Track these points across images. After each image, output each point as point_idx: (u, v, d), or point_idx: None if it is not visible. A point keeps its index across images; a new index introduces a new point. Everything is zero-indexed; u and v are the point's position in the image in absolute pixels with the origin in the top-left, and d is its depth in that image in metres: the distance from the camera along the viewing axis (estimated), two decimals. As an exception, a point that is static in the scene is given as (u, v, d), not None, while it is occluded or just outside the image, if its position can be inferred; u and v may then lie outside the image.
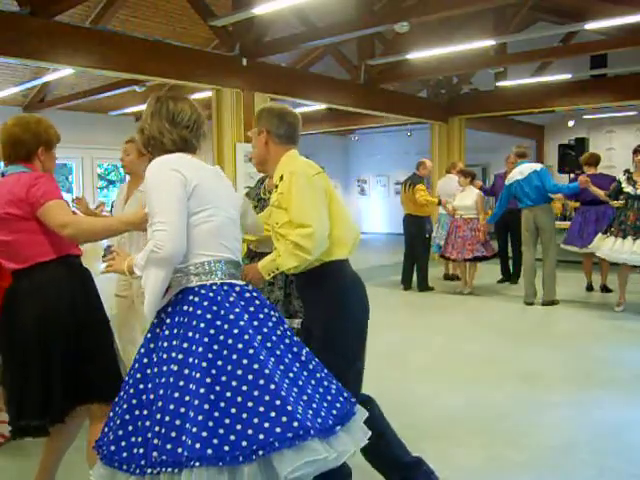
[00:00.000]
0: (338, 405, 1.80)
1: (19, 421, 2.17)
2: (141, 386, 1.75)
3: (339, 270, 2.27)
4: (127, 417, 1.73)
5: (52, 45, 5.78)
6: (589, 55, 9.38)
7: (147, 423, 1.68)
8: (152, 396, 1.70)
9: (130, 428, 1.71)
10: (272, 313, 1.88)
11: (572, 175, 9.45)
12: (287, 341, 1.85)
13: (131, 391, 1.76)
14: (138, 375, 1.77)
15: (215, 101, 7.33)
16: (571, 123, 12.90)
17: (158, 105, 1.97)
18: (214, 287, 1.80)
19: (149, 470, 1.60)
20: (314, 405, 1.71)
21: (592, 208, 6.96)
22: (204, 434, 1.54)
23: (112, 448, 1.70)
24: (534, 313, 6.37)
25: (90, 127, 11.81)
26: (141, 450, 1.65)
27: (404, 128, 14.49)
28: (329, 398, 1.80)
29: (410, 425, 2.68)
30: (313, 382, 1.81)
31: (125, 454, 1.67)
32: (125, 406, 1.75)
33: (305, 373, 1.81)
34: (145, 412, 1.70)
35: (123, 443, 1.69)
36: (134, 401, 1.74)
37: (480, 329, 5.66)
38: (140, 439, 1.67)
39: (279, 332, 1.85)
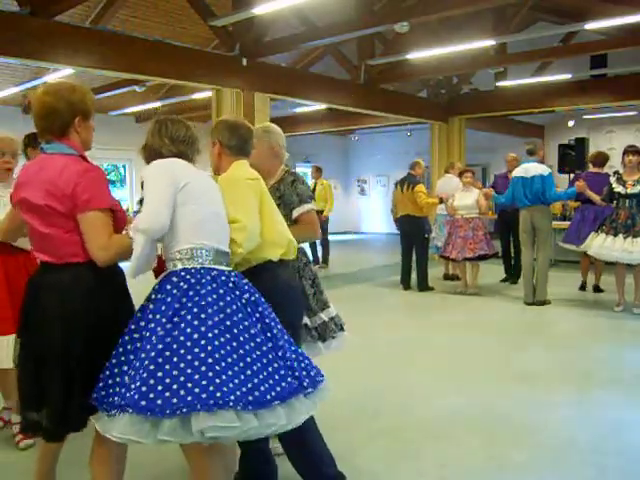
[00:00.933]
0: (284, 384, 2.03)
1: (23, 413, 2.15)
2: (128, 345, 2.06)
3: (271, 270, 2.44)
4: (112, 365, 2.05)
5: (52, 45, 5.78)
6: (589, 55, 9.38)
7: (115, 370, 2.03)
8: (129, 347, 2.04)
9: (107, 373, 2.04)
10: (246, 297, 2.14)
11: (572, 175, 9.45)
12: (259, 325, 2.11)
13: (120, 349, 2.06)
14: (127, 337, 2.07)
15: (215, 101, 7.33)
16: (571, 123, 12.90)
17: (158, 125, 2.28)
18: (192, 270, 2.09)
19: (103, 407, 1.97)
20: (255, 380, 1.97)
21: (591, 207, 6.97)
22: (143, 389, 1.85)
23: (102, 393, 2.01)
24: (534, 313, 6.36)
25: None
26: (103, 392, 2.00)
27: (404, 128, 14.50)
28: (277, 376, 2.04)
29: (410, 425, 2.69)
30: (269, 358, 2.07)
31: (103, 392, 2.00)
32: (113, 361, 2.05)
33: (269, 352, 2.08)
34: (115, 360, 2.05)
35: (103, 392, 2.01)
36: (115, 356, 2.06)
37: (480, 329, 5.66)
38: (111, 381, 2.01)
39: (250, 314, 2.11)
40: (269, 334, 2.11)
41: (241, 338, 2.02)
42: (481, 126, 12.14)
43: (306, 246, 11.11)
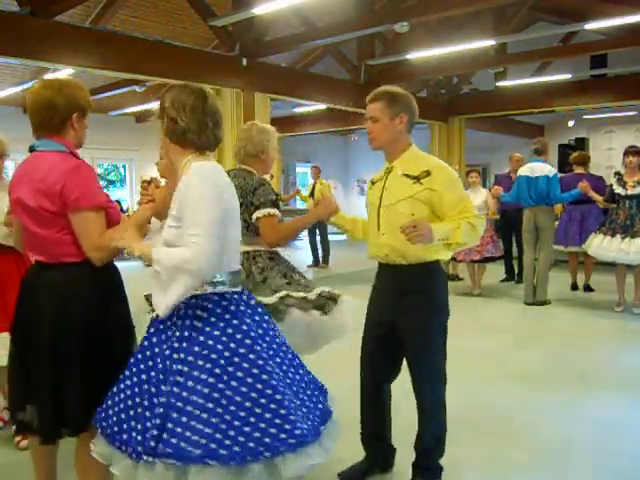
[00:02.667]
0: (320, 406, 1.94)
1: (12, 412, 2.14)
2: (144, 376, 1.82)
3: None
4: (130, 403, 1.81)
5: (52, 45, 5.77)
6: (589, 55, 9.38)
7: (147, 413, 1.75)
8: (154, 389, 1.78)
9: (131, 413, 1.80)
10: (270, 320, 1.98)
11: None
12: (284, 348, 1.96)
13: (134, 379, 1.83)
14: (142, 366, 1.84)
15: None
16: (571, 123, 12.90)
17: (199, 100, 1.88)
18: (226, 295, 1.86)
19: (145, 457, 1.68)
20: (305, 409, 1.84)
21: (577, 207, 7.07)
22: (218, 435, 1.65)
23: (115, 429, 1.80)
24: (534, 313, 6.36)
25: (90, 127, 11.70)
26: (139, 437, 1.73)
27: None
28: (314, 400, 1.94)
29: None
30: (303, 385, 1.94)
31: (125, 436, 1.77)
32: (129, 392, 1.82)
33: (297, 377, 1.94)
34: (146, 402, 1.78)
35: (125, 426, 1.78)
36: (136, 389, 1.82)
37: (480, 329, 5.66)
38: (140, 426, 1.75)
39: (278, 340, 1.95)
40: (294, 357, 2.02)
41: (284, 367, 1.89)
42: (481, 126, 12.14)
43: (307, 247, 11.07)
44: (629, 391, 3.91)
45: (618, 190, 6.01)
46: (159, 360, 1.81)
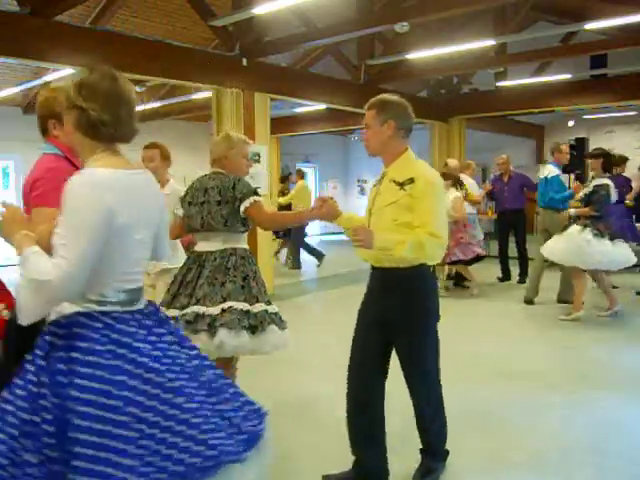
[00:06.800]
0: (249, 426, 1.78)
1: None
2: (26, 416, 1.55)
3: None
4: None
5: (52, 45, 5.77)
6: (589, 55, 9.38)
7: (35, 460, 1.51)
8: (52, 429, 1.52)
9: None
10: (173, 336, 1.77)
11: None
12: (189, 367, 1.75)
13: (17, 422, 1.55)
14: (23, 403, 1.56)
15: (215, 101, 7.33)
16: (571, 123, 12.90)
17: (112, 85, 1.65)
18: (114, 314, 1.65)
19: None
20: (226, 430, 1.70)
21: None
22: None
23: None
24: (533, 313, 6.36)
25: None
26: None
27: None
28: (236, 420, 1.77)
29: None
30: (221, 405, 1.77)
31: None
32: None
33: (212, 398, 1.76)
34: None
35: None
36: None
37: (479, 329, 5.66)
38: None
39: (181, 359, 1.74)
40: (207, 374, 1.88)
41: (195, 385, 1.77)
42: (481, 126, 12.14)
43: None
44: (630, 391, 3.91)
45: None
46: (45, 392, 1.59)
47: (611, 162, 5.99)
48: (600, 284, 6.10)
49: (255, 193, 3.02)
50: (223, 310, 2.82)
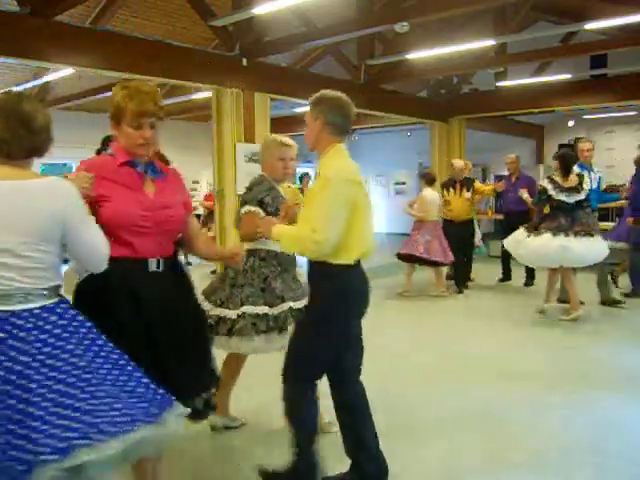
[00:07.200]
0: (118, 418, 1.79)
1: None
2: None
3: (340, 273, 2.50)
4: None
5: (52, 45, 5.77)
6: (589, 55, 9.38)
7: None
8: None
9: None
10: (87, 334, 1.89)
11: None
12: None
13: None
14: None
15: (215, 101, 7.33)
16: (571, 123, 12.89)
17: (9, 105, 1.82)
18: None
19: None
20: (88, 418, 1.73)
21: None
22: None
23: None
24: (533, 313, 6.35)
25: (90, 127, 11.73)
26: None
27: (404, 128, 14.48)
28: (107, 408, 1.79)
29: (410, 425, 2.69)
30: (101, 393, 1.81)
31: None
32: None
33: (91, 387, 1.80)
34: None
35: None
36: None
37: (479, 329, 5.66)
38: None
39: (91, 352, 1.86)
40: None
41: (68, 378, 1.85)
42: (481, 126, 12.13)
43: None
44: (630, 391, 3.91)
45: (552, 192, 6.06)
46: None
47: (569, 162, 6.05)
48: (566, 283, 6.12)
49: (259, 203, 3.02)
50: (238, 315, 2.89)
